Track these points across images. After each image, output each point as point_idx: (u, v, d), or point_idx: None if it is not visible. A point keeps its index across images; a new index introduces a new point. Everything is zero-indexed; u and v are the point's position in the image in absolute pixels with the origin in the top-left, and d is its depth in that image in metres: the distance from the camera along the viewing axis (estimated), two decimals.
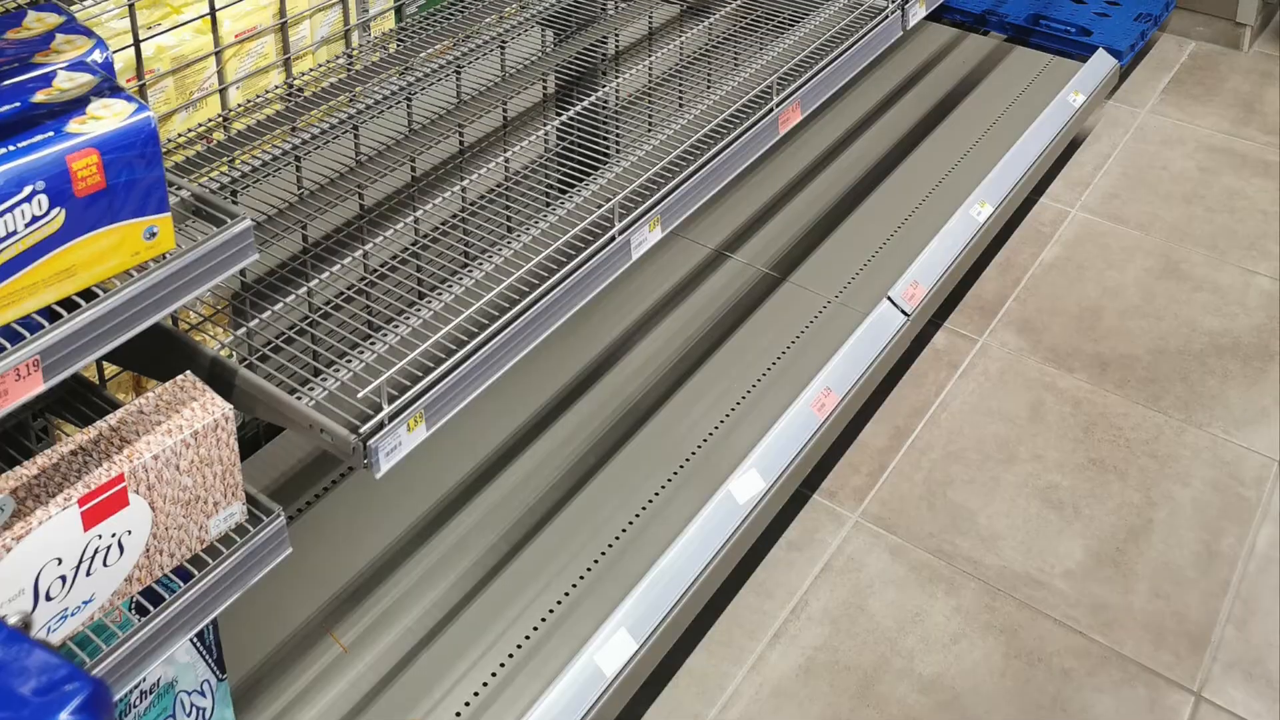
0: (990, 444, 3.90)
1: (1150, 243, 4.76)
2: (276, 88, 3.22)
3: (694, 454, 3.45)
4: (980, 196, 4.44)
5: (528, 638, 2.97)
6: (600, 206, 2.83)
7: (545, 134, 3.21)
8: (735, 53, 3.54)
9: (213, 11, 3.01)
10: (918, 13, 3.73)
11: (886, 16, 3.60)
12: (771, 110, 3.18)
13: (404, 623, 2.99)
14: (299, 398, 2.38)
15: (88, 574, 2.00)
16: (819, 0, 3.73)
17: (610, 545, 3.19)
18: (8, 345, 1.82)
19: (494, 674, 2.90)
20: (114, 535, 2.02)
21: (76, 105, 1.90)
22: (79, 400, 2.43)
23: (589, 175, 3.03)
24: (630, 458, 3.45)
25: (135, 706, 2.35)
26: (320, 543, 3.16)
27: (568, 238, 2.75)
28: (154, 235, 1.96)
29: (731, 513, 3.27)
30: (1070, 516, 3.67)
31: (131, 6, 2.83)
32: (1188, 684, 3.26)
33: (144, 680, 2.34)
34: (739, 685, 3.25)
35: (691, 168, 2.98)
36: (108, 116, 1.87)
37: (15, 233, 1.79)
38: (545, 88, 3.48)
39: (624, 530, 3.23)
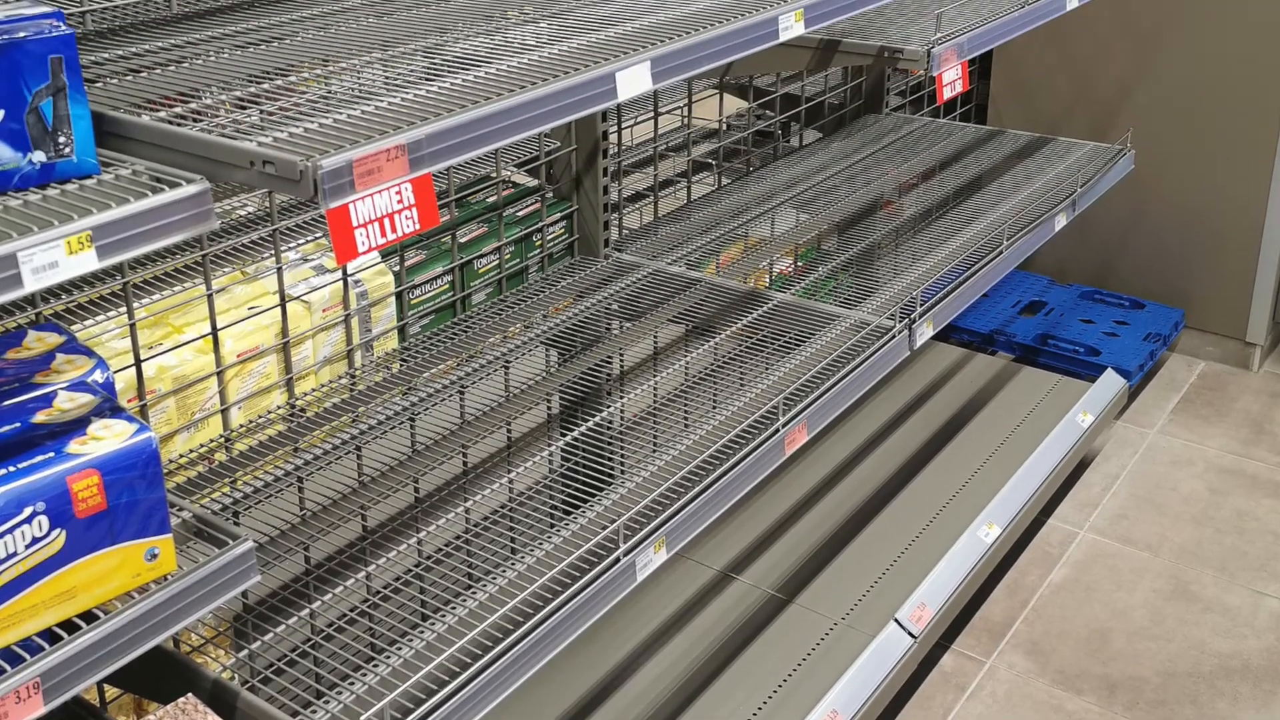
0: None
1: (1159, 564, 4.73)
2: (279, 408, 3.23)
3: None
4: (988, 517, 4.42)
5: None
6: (605, 528, 2.82)
7: (549, 455, 3.21)
8: (741, 373, 3.56)
9: (214, 331, 3.03)
10: (925, 333, 3.75)
11: (893, 337, 3.62)
12: (778, 431, 3.18)
13: None
14: None
15: None
16: (825, 320, 3.76)
17: None
18: (8, 668, 1.81)
19: None
20: None
21: (77, 425, 1.90)
22: None
23: (594, 496, 3.02)
24: None
25: None
26: None
27: (572, 559, 2.73)
28: (155, 557, 1.95)
29: None
30: None
31: (133, 326, 2.86)
32: None
33: None
34: None
35: (697, 489, 2.97)
36: (109, 437, 1.87)
37: (15, 554, 1.78)
38: (549, 408, 3.49)
39: None
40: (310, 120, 2.09)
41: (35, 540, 1.80)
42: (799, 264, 4.31)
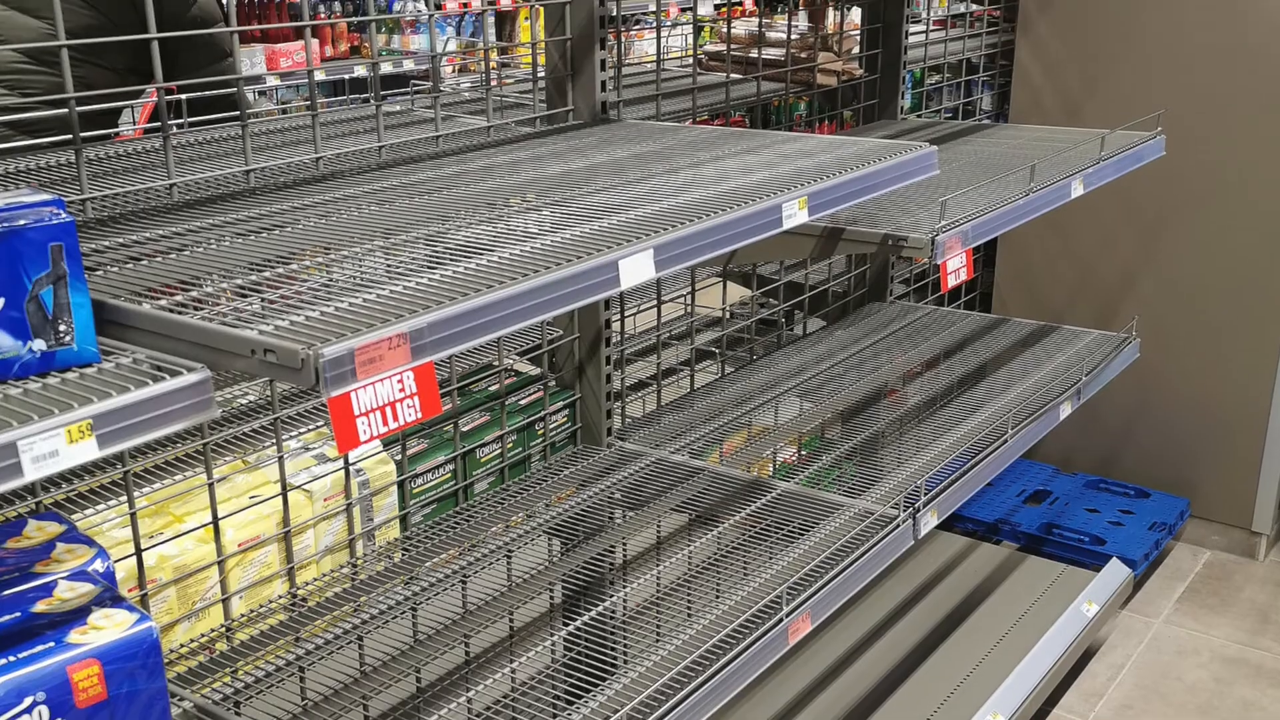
0: None
1: None
2: (280, 597, 3.21)
3: None
4: (993, 708, 4.38)
5: None
6: (609, 718, 2.79)
7: (552, 644, 3.19)
8: (744, 562, 3.54)
9: (215, 521, 3.02)
10: (929, 522, 3.74)
11: (897, 526, 3.61)
12: (781, 621, 3.15)
13: None
14: None
15: None
16: (829, 509, 3.75)
17: None
18: None
19: None
20: None
21: (77, 615, 1.89)
22: None
23: (596, 686, 2.99)
24: None
25: None
26: None
27: None
28: None
29: None
30: None
31: (133, 516, 2.85)
32: None
33: None
34: None
35: (699, 679, 2.94)
36: (109, 627, 1.87)
37: None
38: (552, 597, 3.47)
39: None
40: (311, 308, 2.09)
41: None
42: (802, 453, 4.31)
